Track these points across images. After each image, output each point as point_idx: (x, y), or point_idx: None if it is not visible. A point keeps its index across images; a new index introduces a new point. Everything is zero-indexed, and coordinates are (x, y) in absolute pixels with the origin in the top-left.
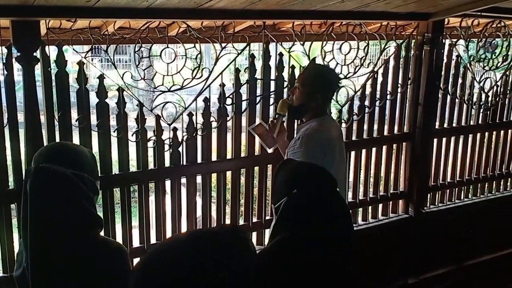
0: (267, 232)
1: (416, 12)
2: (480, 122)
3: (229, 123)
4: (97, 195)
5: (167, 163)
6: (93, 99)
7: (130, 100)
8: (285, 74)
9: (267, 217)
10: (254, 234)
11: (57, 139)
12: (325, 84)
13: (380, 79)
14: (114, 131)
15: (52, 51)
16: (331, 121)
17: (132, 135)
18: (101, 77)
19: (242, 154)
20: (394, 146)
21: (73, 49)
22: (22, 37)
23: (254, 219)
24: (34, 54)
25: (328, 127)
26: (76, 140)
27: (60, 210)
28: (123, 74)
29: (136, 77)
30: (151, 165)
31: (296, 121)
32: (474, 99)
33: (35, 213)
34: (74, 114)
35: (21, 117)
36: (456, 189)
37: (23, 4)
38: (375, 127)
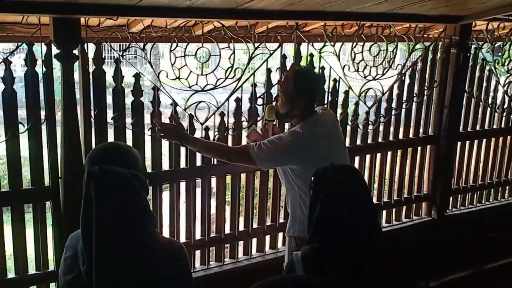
0: (280, 236)
1: (446, 15)
2: (503, 126)
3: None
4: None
5: (198, 162)
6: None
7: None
8: None
9: (281, 220)
10: (267, 238)
11: (93, 137)
12: (306, 93)
13: (407, 81)
14: (148, 130)
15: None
16: (319, 119)
17: (148, 129)
18: (136, 76)
19: None
20: (419, 148)
21: (111, 46)
22: (62, 34)
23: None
24: (74, 51)
25: (315, 128)
26: (111, 138)
27: (125, 212)
28: (158, 73)
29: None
30: (182, 164)
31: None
32: (498, 103)
33: (102, 216)
34: (110, 112)
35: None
36: (478, 192)
37: (67, 2)
38: (401, 129)
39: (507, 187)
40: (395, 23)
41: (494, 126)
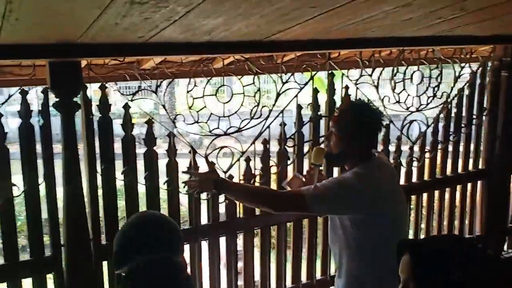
0: None
1: (498, 35)
2: None
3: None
4: None
5: (222, 217)
6: None
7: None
8: None
9: (332, 273)
10: None
11: (100, 196)
12: (366, 128)
13: (453, 110)
14: (164, 183)
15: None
16: (379, 164)
17: (184, 187)
18: (149, 122)
19: None
20: (469, 184)
21: (120, 91)
22: (61, 80)
23: (318, 275)
24: (75, 99)
25: (375, 173)
26: (121, 196)
27: None
28: (174, 118)
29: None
30: (204, 220)
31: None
32: None
33: None
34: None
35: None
36: None
37: (64, 43)
38: (449, 164)
39: None
40: (439, 46)
41: None
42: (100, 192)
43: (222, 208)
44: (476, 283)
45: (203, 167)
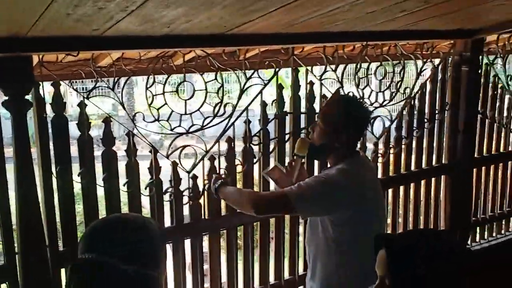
0: None
1: (460, 29)
2: None
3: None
4: None
5: (186, 218)
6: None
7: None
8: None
9: (300, 273)
10: None
11: (56, 200)
12: (352, 122)
13: (417, 105)
14: (124, 185)
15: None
16: (362, 162)
17: (145, 188)
18: (107, 120)
19: None
20: (433, 179)
21: (74, 88)
22: (10, 76)
23: (286, 275)
24: (26, 97)
25: (359, 171)
26: (78, 200)
27: None
28: (133, 116)
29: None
30: (167, 222)
31: (318, 163)
32: None
33: None
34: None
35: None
36: (495, 222)
37: (13, 36)
38: (413, 159)
39: None
40: (402, 41)
41: (510, 148)
42: (56, 196)
43: (185, 210)
44: (440, 276)
45: (165, 168)
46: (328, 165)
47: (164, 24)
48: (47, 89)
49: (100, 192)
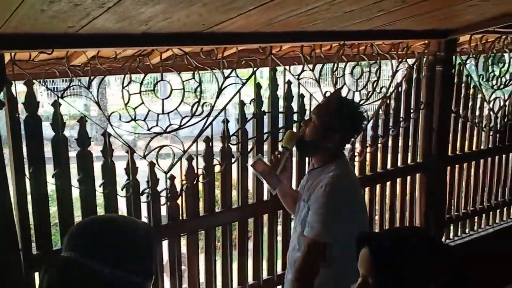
0: None
1: (434, 30)
2: (490, 145)
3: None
4: None
5: (163, 219)
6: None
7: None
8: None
9: (279, 272)
10: None
11: (29, 202)
12: (348, 123)
13: (392, 104)
14: (99, 186)
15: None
16: (347, 162)
17: (122, 189)
18: (81, 121)
19: (250, 201)
20: (408, 178)
21: (47, 87)
22: None
23: (264, 275)
24: None
25: (351, 173)
26: (52, 202)
27: None
28: (109, 115)
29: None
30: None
31: (308, 160)
32: (484, 122)
33: None
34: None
35: None
36: (468, 220)
37: None
38: (389, 158)
39: (498, 211)
40: (378, 41)
41: (482, 147)
42: (30, 198)
43: (163, 211)
44: (423, 274)
45: (141, 169)
46: (315, 165)
47: (142, 21)
48: (18, 89)
49: (75, 194)
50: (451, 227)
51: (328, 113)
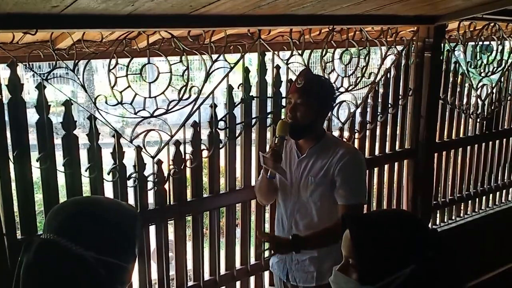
0: (252, 280)
1: (423, 15)
2: (477, 132)
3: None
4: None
5: (151, 204)
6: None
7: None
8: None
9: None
10: (238, 284)
11: (13, 186)
12: (330, 98)
13: (381, 90)
14: (85, 170)
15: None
16: None
17: (108, 174)
18: (67, 104)
19: (238, 187)
20: (396, 164)
21: (31, 68)
22: None
23: (252, 261)
24: None
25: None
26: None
27: None
28: (95, 98)
29: (111, 101)
30: None
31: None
32: (472, 109)
33: None
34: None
35: None
36: (455, 206)
37: None
38: (377, 144)
39: (484, 197)
40: (367, 26)
41: (469, 133)
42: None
43: (150, 196)
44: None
45: (127, 156)
46: (304, 146)
47: (128, 2)
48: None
49: (60, 179)
50: (438, 213)
51: (315, 92)
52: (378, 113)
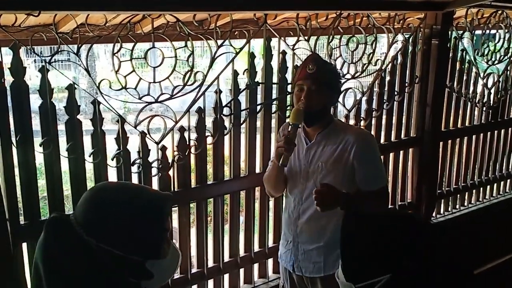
0: (256, 267)
1: (431, 1)
2: (483, 121)
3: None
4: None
5: None
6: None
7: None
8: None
9: (270, 245)
10: (241, 271)
11: (16, 172)
12: (339, 81)
13: (387, 78)
14: (89, 156)
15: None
16: None
17: (112, 159)
18: (70, 88)
19: (242, 174)
20: (401, 152)
21: (34, 51)
22: None
23: (256, 248)
24: None
25: None
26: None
27: None
28: (99, 83)
29: (114, 85)
30: None
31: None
32: (478, 97)
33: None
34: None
35: None
36: (459, 195)
37: None
38: (382, 132)
39: (489, 187)
40: (374, 11)
41: (475, 122)
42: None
43: (154, 183)
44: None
45: (131, 142)
46: (313, 131)
47: None
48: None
49: (64, 165)
50: (442, 202)
51: (328, 78)
52: (384, 101)
